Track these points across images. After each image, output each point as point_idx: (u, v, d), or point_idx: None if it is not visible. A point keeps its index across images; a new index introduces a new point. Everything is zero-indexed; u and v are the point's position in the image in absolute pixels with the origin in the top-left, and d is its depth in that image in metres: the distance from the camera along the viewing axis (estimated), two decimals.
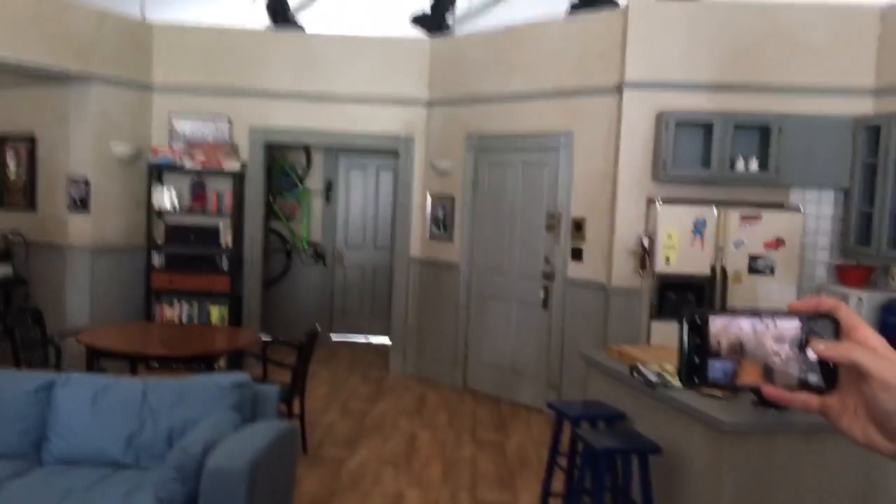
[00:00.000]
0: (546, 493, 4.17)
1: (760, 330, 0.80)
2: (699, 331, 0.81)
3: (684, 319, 0.82)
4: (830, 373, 0.80)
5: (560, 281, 6.51)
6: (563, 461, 4.13)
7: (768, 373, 0.80)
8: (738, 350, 0.80)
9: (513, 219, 6.91)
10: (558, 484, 4.25)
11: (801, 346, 0.80)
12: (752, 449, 3.22)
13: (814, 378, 0.80)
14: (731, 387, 0.81)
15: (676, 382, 3.60)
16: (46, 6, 6.52)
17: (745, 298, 5.46)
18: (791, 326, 0.80)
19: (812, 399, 0.80)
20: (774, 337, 0.80)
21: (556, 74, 6.48)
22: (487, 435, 6.03)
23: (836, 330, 0.79)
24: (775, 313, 0.81)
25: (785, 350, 0.80)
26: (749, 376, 0.80)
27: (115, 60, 7.11)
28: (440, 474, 5.14)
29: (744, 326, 0.81)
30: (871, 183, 5.48)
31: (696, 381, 0.81)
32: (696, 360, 0.81)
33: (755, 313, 0.81)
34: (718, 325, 0.81)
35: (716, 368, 0.81)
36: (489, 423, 6.36)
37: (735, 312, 0.81)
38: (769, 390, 0.80)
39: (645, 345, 5.42)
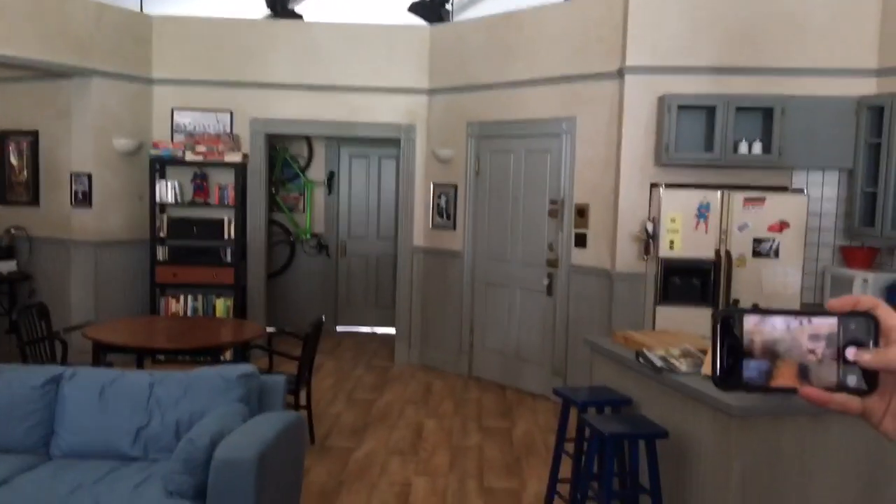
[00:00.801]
0: (554, 480, 4.17)
1: (796, 329, 0.78)
2: (732, 330, 0.79)
3: (717, 319, 0.79)
4: (871, 374, 0.77)
5: (564, 267, 6.51)
6: (570, 447, 4.13)
7: (804, 373, 0.78)
8: (773, 350, 0.78)
9: (516, 206, 6.90)
10: (565, 470, 4.26)
11: (839, 346, 0.77)
12: (760, 432, 3.22)
13: (853, 379, 0.77)
14: (765, 388, 0.78)
15: (682, 367, 3.60)
16: (44, 1, 6.50)
17: (750, 282, 5.45)
18: (828, 325, 0.77)
19: (852, 401, 0.77)
20: (810, 336, 0.78)
21: (556, 60, 6.45)
22: (493, 422, 6.04)
23: (875, 329, 0.77)
24: (811, 312, 0.78)
25: (821, 350, 0.77)
26: (785, 377, 0.78)
27: (114, 54, 7.10)
28: (447, 462, 5.15)
29: (778, 325, 0.78)
30: (875, 163, 5.45)
31: (730, 381, 0.79)
32: (730, 361, 0.79)
33: (790, 312, 0.78)
34: (752, 324, 0.78)
35: (750, 368, 0.78)
36: (495, 410, 6.37)
37: (769, 311, 0.79)
38: (808, 391, 0.77)
39: (650, 330, 5.41)
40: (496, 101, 6.95)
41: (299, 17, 7.88)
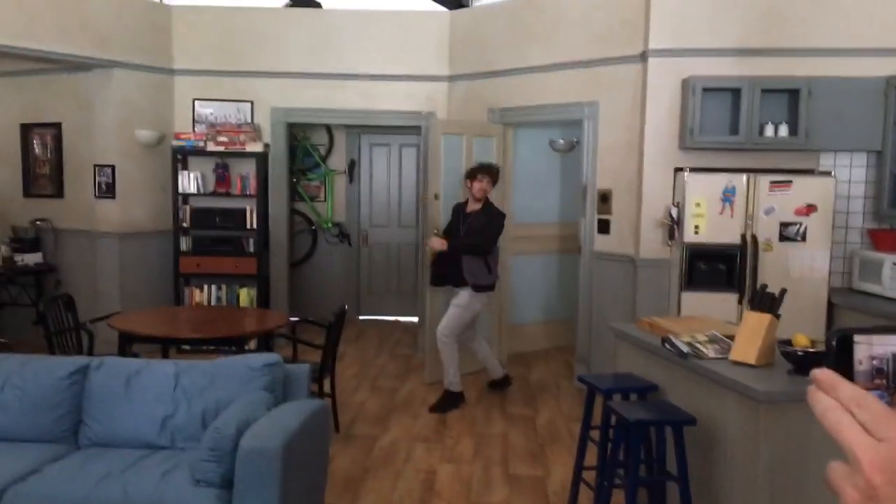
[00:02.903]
0: (579, 467, 4.15)
1: None
2: (847, 354, 0.67)
3: (832, 341, 0.68)
4: None
5: (587, 254, 6.46)
6: (594, 435, 4.11)
7: None
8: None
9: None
10: (591, 458, 4.23)
11: None
12: (788, 418, 3.17)
13: None
14: None
15: (709, 353, 3.55)
16: None
17: (777, 266, 5.38)
18: None
19: None
20: None
21: (578, 44, 6.38)
22: (517, 410, 6.03)
23: None
24: None
25: None
26: None
27: (135, 46, 7.12)
28: (472, 450, 5.14)
29: None
30: None
31: None
32: None
33: None
34: (869, 347, 0.66)
35: None
36: (519, 398, 6.35)
37: (890, 329, 0.67)
38: None
39: (675, 316, 5.36)
40: (517, 86, 6.89)
41: (318, 5, 7.85)
